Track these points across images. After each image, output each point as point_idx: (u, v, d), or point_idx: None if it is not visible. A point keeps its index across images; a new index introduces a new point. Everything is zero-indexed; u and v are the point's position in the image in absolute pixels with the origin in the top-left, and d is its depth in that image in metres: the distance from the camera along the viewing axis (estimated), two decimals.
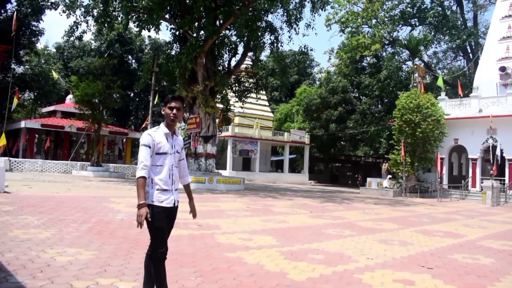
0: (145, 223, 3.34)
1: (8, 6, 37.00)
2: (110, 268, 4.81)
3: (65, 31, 24.26)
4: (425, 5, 42.92)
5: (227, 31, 26.18)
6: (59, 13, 23.75)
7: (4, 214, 8.18)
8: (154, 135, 3.52)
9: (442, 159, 27.55)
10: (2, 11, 36.59)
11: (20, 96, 31.76)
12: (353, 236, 8.36)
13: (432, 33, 42.87)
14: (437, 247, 7.72)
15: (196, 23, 23.24)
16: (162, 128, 3.60)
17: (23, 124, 33.67)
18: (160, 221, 3.47)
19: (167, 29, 51.98)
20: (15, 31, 22.07)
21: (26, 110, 52.10)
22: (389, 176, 27.58)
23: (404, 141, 25.80)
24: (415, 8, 42.82)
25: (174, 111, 3.58)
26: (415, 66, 31.96)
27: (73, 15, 23.32)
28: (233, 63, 26.85)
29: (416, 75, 30.13)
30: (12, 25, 21.92)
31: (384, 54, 44.82)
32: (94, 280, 4.32)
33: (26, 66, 44.42)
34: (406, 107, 26.10)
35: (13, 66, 37.32)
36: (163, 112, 3.65)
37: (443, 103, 28.48)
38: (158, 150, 3.51)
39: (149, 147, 3.47)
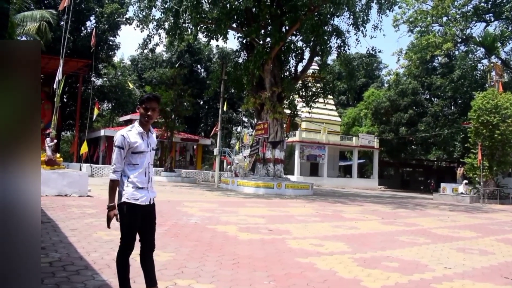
0: (114, 221, 3.50)
1: (88, 23, 39.87)
2: (187, 270, 4.98)
3: (139, 44, 25.61)
4: None
5: (293, 37, 26.27)
6: (134, 27, 25.06)
7: (89, 216, 8.77)
8: (127, 136, 3.50)
9: None
10: (83, 29, 39.37)
11: (99, 106, 33.84)
12: (429, 244, 8.05)
13: (510, 28, 40.15)
14: None
15: (263, 31, 23.59)
16: (137, 127, 3.57)
17: (102, 132, 35.98)
18: (131, 219, 3.51)
19: (234, 37, 53.24)
20: (95, 47, 23.56)
21: (105, 119, 55.55)
22: (465, 181, 26.20)
23: (481, 144, 24.40)
24: (490, 2, 40.34)
25: (149, 112, 3.55)
26: (492, 64, 30.23)
27: (146, 29, 24.56)
28: (299, 68, 26.85)
29: (493, 73, 28.42)
30: (91, 41, 23.42)
31: (456, 53, 42.71)
32: (173, 281, 4.48)
33: (105, 79, 47.40)
34: (483, 108, 24.71)
35: (93, 78, 39.94)
36: (138, 111, 3.62)
37: None
38: (135, 149, 3.51)
39: (122, 148, 3.48)
